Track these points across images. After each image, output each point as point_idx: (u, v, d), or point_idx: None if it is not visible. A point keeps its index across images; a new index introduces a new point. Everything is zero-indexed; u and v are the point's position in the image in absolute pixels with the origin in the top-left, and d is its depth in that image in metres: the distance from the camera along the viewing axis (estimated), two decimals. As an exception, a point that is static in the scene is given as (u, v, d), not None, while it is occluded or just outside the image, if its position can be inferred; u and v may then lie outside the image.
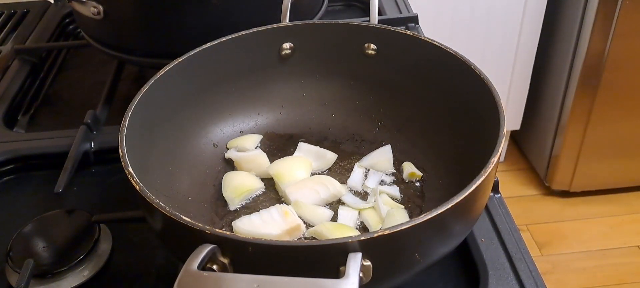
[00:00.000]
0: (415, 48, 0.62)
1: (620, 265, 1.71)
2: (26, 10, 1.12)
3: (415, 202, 0.59)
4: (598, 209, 1.88)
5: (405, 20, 0.94)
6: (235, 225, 0.55)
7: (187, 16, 0.72)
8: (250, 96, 0.68)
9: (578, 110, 1.69)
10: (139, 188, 0.44)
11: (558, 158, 1.82)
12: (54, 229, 0.58)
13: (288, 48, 0.66)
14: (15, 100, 0.84)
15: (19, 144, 0.73)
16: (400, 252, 0.41)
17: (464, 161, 0.56)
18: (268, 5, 0.73)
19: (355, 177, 0.62)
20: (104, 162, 0.71)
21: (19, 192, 0.68)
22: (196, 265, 0.37)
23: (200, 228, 0.39)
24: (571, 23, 1.64)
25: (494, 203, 0.60)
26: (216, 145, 0.65)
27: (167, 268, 0.57)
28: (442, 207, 0.40)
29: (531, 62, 1.80)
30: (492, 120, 0.50)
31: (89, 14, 0.75)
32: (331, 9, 1.05)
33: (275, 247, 0.39)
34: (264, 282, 0.36)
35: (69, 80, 0.93)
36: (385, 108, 0.67)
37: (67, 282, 0.54)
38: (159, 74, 0.58)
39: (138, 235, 0.60)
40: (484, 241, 0.56)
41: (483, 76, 0.54)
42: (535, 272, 0.53)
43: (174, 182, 0.58)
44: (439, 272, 0.55)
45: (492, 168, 0.44)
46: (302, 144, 0.66)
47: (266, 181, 0.62)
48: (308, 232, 0.55)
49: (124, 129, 0.50)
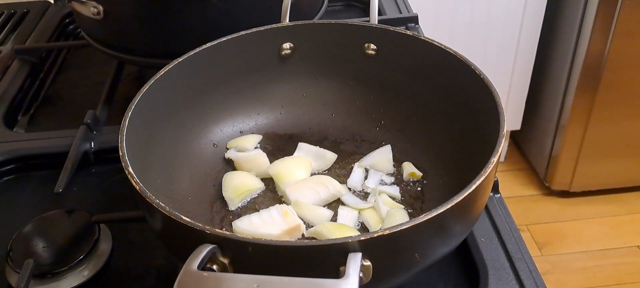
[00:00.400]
0: (415, 48, 0.62)
1: (620, 265, 1.71)
2: (26, 10, 1.12)
3: (415, 202, 0.59)
4: (598, 209, 1.88)
5: (405, 20, 0.94)
6: (235, 225, 0.55)
7: (187, 16, 0.72)
8: (250, 96, 0.68)
9: (578, 110, 1.69)
10: (139, 188, 0.44)
11: (558, 159, 1.82)
12: (54, 229, 0.58)
13: (288, 48, 0.66)
14: (15, 100, 0.84)
15: (19, 143, 0.73)
16: (400, 252, 0.41)
17: (464, 161, 0.56)
18: (268, 5, 0.73)
19: (355, 177, 0.62)
20: (104, 162, 0.71)
21: (19, 192, 0.68)
22: (196, 265, 0.37)
23: (200, 228, 0.39)
24: (571, 23, 1.64)
25: (494, 203, 0.60)
26: (216, 145, 0.65)
27: (167, 268, 0.57)
28: (442, 207, 0.40)
29: (531, 62, 1.80)
30: (492, 120, 0.50)
31: (89, 14, 0.75)
32: (331, 9, 1.05)
33: (275, 247, 0.39)
34: (264, 282, 0.36)
35: (69, 80, 0.93)
36: (385, 108, 0.67)
37: (67, 282, 0.54)
38: (159, 74, 0.58)
39: (138, 235, 0.60)
40: (484, 241, 0.56)
41: (483, 76, 0.54)
42: (535, 272, 0.53)
43: (174, 182, 0.58)
44: (439, 272, 0.55)
45: (492, 168, 0.44)
46: (302, 144, 0.66)
47: (266, 181, 0.62)
48: (308, 232, 0.55)
49: (124, 129, 0.50)
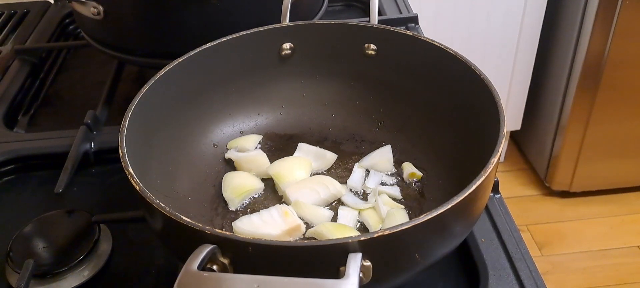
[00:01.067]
0: (415, 48, 0.62)
1: (620, 265, 1.71)
2: (26, 11, 1.12)
3: (415, 202, 0.59)
4: (598, 209, 1.88)
5: (405, 20, 0.94)
6: (235, 225, 0.55)
7: (187, 16, 0.72)
8: (250, 96, 0.68)
9: (578, 110, 1.69)
10: (139, 188, 0.44)
11: (558, 159, 1.82)
12: (54, 229, 0.58)
13: (288, 48, 0.66)
14: (15, 100, 0.84)
15: (19, 144, 0.73)
16: (401, 252, 0.41)
17: (464, 161, 0.56)
18: (268, 5, 0.73)
19: (355, 177, 0.62)
20: (104, 162, 0.71)
21: (19, 192, 0.68)
22: (196, 265, 0.37)
23: (200, 229, 0.39)
24: (571, 23, 1.64)
25: (494, 204, 0.60)
26: (216, 146, 0.65)
27: (167, 268, 0.57)
28: (442, 207, 0.40)
29: (531, 62, 1.80)
30: (492, 120, 0.50)
31: (89, 14, 0.75)
32: (331, 9, 1.05)
33: (275, 247, 0.39)
34: (264, 282, 0.36)
35: (69, 80, 0.93)
36: (385, 108, 0.67)
37: (67, 282, 0.54)
38: (159, 74, 0.58)
39: (138, 235, 0.60)
40: (484, 241, 0.56)
41: (483, 76, 0.54)
42: (535, 272, 0.53)
43: (174, 182, 0.58)
44: (439, 272, 0.55)
45: (492, 168, 0.44)
46: (302, 144, 0.66)
47: (266, 181, 0.62)
48: (308, 232, 0.55)
49: (124, 129, 0.50)
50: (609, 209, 1.88)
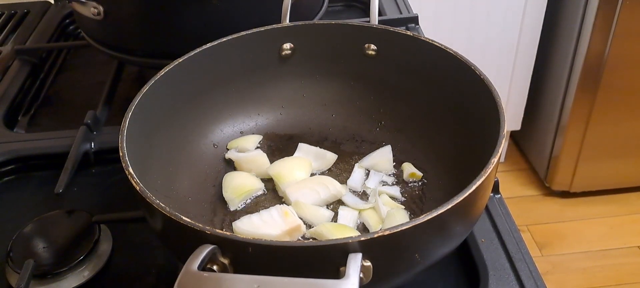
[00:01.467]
0: (415, 48, 0.62)
1: (620, 265, 1.71)
2: (26, 11, 1.12)
3: (415, 203, 0.59)
4: (598, 209, 1.88)
5: (406, 20, 0.94)
6: (236, 225, 0.55)
7: (187, 16, 0.72)
8: (250, 96, 0.68)
9: (578, 110, 1.69)
10: (139, 188, 0.44)
11: (558, 159, 1.82)
12: (54, 229, 0.58)
13: (288, 48, 0.66)
14: (15, 100, 0.84)
15: (19, 144, 0.73)
16: (401, 252, 0.41)
17: (464, 161, 0.56)
18: (268, 6, 0.73)
19: (356, 177, 0.62)
20: (104, 162, 0.71)
21: (19, 192, 0.68)
22: (196, 266, 0.37)
23: (200, 229, 0.39)
24: (571, 23, 1.64)
25: (494, 204, 0.60)
26: (216, 146, 0.65)
27: (167, 268, 0.57)
28: (442, 208, 0.40)
29: (531, 62, 1.80)
30: (492, 121, 0.50)
31: (89, 15, 0.75)
32: (331, 9, 1.05)
33: (275, 247, 0.39)
34: (264, 282, 0.36)
35: (69, 80, 0.93)
36: (385, 108, 0.67)
37: (67, 282, 0.54)
38: (159, 74, 0.58)
39: (138, 235, 0.60)
40: (484, 241, 0.56)
41: (483, 76, 0.54)
42: (536, 272, 0.53)
43: (174, 182, 0.58)
44: (439, 272, 0.55)
45: (492, 168, 0.44)
46: (302, 144, 0.66)
47: (266, 182, 0.62)
48: (308, 232, 0.55)
49: (124, 129, 0.50)
50: (609, 209, 1.88)
